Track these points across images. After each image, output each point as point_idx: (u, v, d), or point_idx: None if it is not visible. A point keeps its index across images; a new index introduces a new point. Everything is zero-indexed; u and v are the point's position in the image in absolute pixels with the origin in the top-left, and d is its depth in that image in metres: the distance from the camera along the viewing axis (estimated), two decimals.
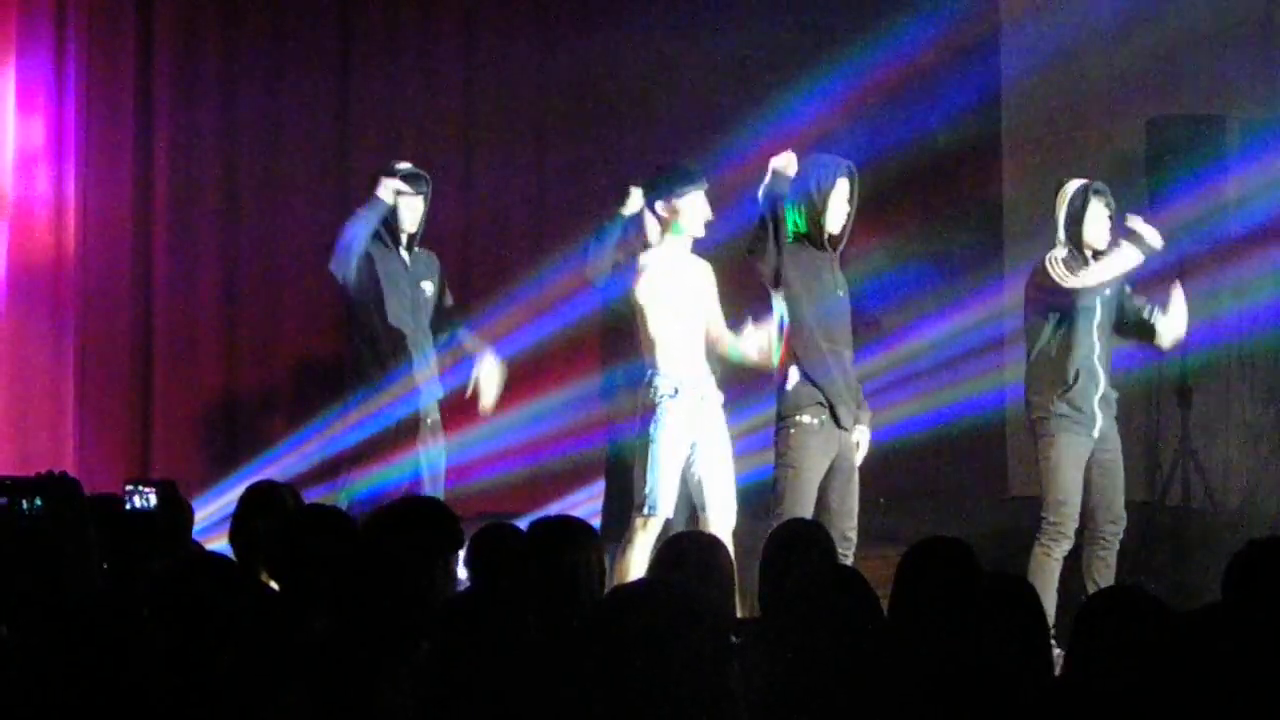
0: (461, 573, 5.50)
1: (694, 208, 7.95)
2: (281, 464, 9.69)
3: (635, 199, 8.61)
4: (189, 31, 10.55)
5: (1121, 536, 8.22)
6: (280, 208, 10.72)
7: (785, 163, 7.86)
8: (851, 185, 7.95)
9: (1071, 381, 8.12)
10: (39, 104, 9.98)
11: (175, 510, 6.19)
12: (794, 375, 7.87)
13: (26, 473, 5.58)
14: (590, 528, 5.60)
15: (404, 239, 8.53)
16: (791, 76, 11.47)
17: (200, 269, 10.57)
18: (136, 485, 6.20)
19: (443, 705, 4.35)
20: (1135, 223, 8.15)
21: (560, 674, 4.23)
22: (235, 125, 10.67)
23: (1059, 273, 8.12)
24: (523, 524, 5.71)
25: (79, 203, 10.02)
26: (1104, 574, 8.10)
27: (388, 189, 8.44)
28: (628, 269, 8.16)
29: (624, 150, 11.07)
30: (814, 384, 7.85)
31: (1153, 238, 8.09)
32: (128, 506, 6.02)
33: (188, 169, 10.51)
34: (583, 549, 5.24)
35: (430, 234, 8.77)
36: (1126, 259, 8.11)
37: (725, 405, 8.09)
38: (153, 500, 6.12)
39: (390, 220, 8.49)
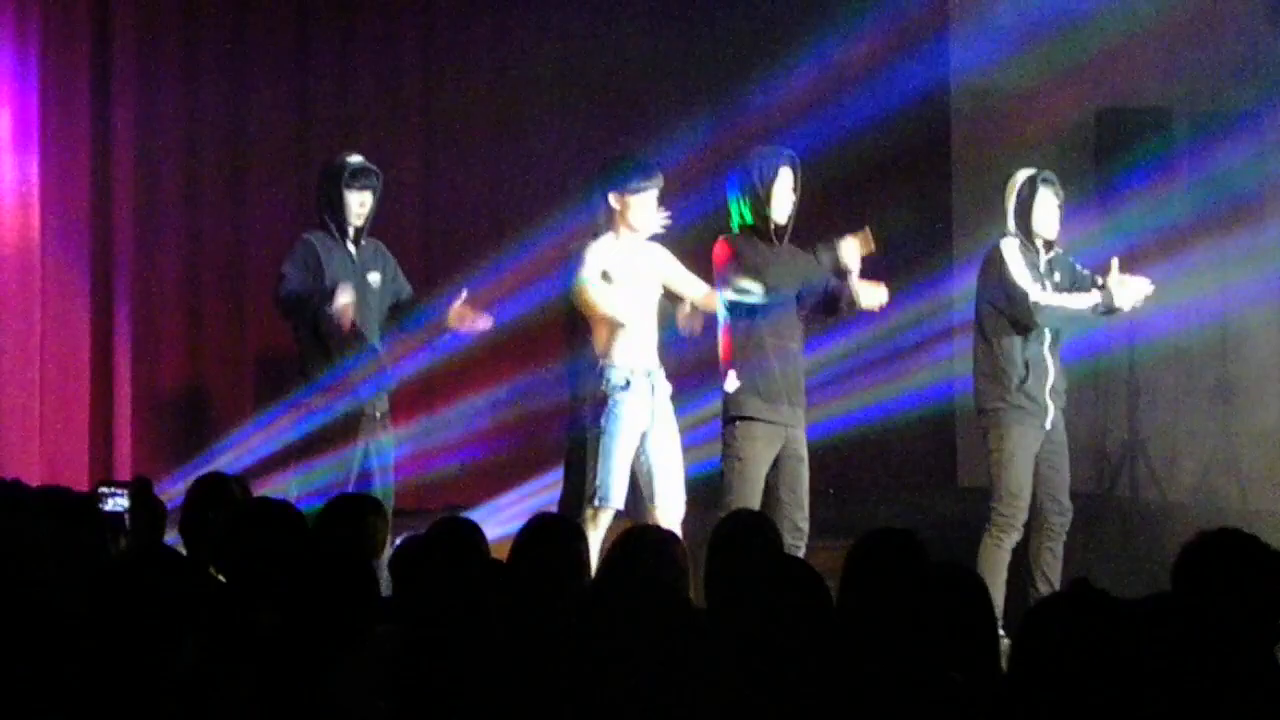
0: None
1: (643, 207, 7.94)
2: (229, 456, 9.63)
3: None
4: (149, 22, 10.47)
5: (1068, 527, 8.25)
6: (241, 201, 10.65)
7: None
8: (794, 174, 7.94)
9: (1025, 372, 8.12)
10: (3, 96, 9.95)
11: (148, 509, 6.19)
12: (734, 372, 7.89)
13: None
14: (576, 525, 5.60)
15: (350, 231, 8.48)
16: (741, 69, 11.49)
17: (161, 263, 10.50)
18: (111, 489, 6.25)
19: (404, 699, 4.35)
20: (1114, 274, 8.10)
21: (525, 666, 4.23)
22: (196, 118, 10.59)
23: (1018, 272, 8.07)
24: (476, 515, 5.72)
25: (41, 196, 9.98)
26: (1052, 565, 8.12)
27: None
28: (577, 257, 8.13)
29: (580, 141, 11.05)
30: (754, 381, 7.85)
31: (1124, 299, 8.07)
32: (103, 509, 6.04)
33: (149, 163, 10.42)
34: (567, 544, 5.24)
35: (390, 225, 8.71)
36: (1087, 301, 8.09)
37: (674, 397, 8.10)
38: (125, 502, 6.17)
39: (337, 213, 8.44)
